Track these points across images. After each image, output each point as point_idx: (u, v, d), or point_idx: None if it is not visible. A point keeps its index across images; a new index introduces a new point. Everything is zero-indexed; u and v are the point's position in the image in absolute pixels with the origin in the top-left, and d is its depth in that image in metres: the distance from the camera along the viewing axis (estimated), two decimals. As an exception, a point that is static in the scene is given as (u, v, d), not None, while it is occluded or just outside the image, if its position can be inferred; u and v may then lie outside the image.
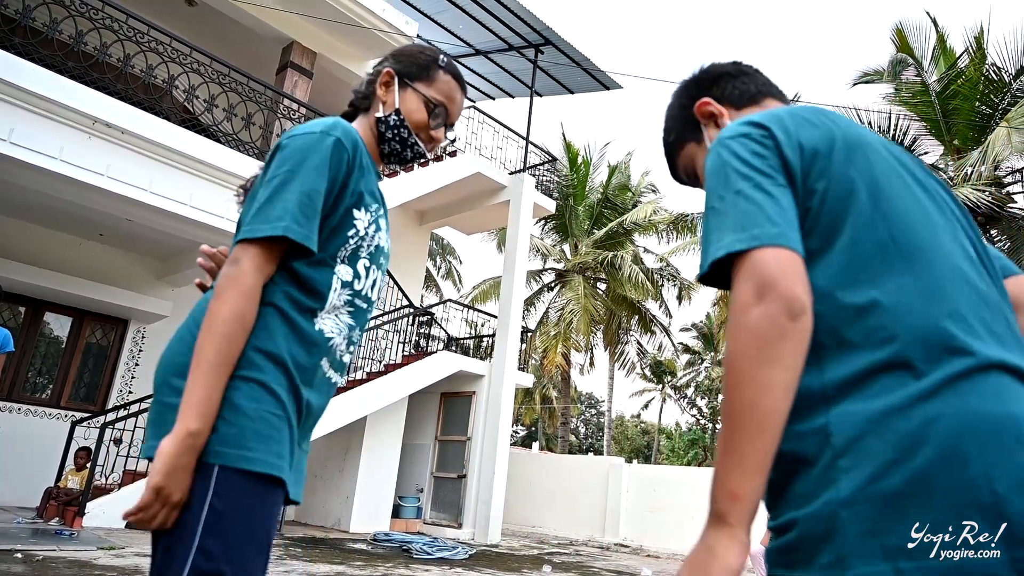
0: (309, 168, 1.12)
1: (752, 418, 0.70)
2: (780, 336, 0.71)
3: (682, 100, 1.14)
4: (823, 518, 0.71)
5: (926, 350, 0.74)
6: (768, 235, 0.75)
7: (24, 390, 8.62)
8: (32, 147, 5.71)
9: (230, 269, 1.07)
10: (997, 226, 12.59)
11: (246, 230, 1.10)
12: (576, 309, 17.09)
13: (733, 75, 1.12)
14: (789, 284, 0.73)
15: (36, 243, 8.33)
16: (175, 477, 0.96)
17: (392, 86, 1.34)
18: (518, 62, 11.75)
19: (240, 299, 1.05)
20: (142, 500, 0.96)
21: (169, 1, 8.64)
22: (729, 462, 0.71)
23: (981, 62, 12.15)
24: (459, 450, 10.56)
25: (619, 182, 19.62)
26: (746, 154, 0.84)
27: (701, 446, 33.67)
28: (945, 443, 0.69)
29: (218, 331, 1.02)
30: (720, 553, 0.71)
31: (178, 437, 0.97)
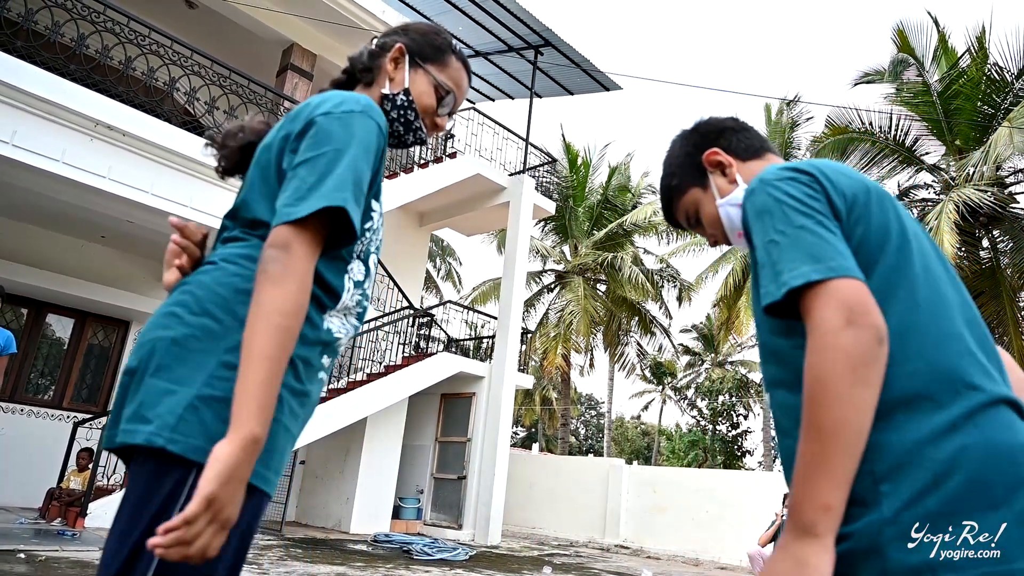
0: (358, 150, 1.03)
1: (845, 435, 0.77)
2: (872, 359, 0.79)
3: (687, 148, 1.24)
4: (869, 535, 0.79)
5: (947, 385, 0.84)
6: (843, 267, 0.84)
7: (26, 391, 8.64)
8: (34, 149, 5.73)
9: (281, 254, 0.94)
10: (999, 226, 12.58)
11: (297, 209, 0.96)
12: (576, 310, 17.10)
13: (736, 129, 1.23)
14: (875, 313, 0.81)
15: (38, 245, 8.35)
16: (231, 488, 0.83)
17: (402, 63, 1.25)
18: (518, 63, 11.77)
19: (300, 290, 0.94)
20: (187, 512, 0.80)
21: (170, 4, 8.67)
22: (820, 476, 0.78)
23: (983, 62, 12.15)
24: (459, 451, 10.57)
25: (619, 183, 19.63)
26: (800, 195, 0.93)
27: (701, 447, 33.65)
28: (973, 470, 0.79)
29: (279, 324, 0.91)
30: (814, 563, 0.76)
31: (241, 443, 0.84)
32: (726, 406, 34.68)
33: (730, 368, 34.10)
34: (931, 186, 14.07)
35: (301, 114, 1.08)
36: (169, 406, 0.91)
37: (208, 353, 0.95)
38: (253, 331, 0.90)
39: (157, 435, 0.89)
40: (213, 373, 0.94)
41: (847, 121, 13.65)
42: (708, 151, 1.21)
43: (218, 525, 0.82)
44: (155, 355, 0.95)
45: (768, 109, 19.53)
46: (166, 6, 8.64)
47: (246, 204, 1.08)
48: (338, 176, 0.99)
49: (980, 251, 12.91)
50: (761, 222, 0.94)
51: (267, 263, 0.94)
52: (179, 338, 0.96)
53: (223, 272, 1.03)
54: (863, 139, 13.61)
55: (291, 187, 1.00)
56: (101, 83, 6.25)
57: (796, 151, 19.21)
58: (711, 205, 1.22)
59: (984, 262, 12.72)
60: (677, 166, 1.26)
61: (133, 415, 0.92)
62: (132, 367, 0.97)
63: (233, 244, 1.07)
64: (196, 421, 0.90)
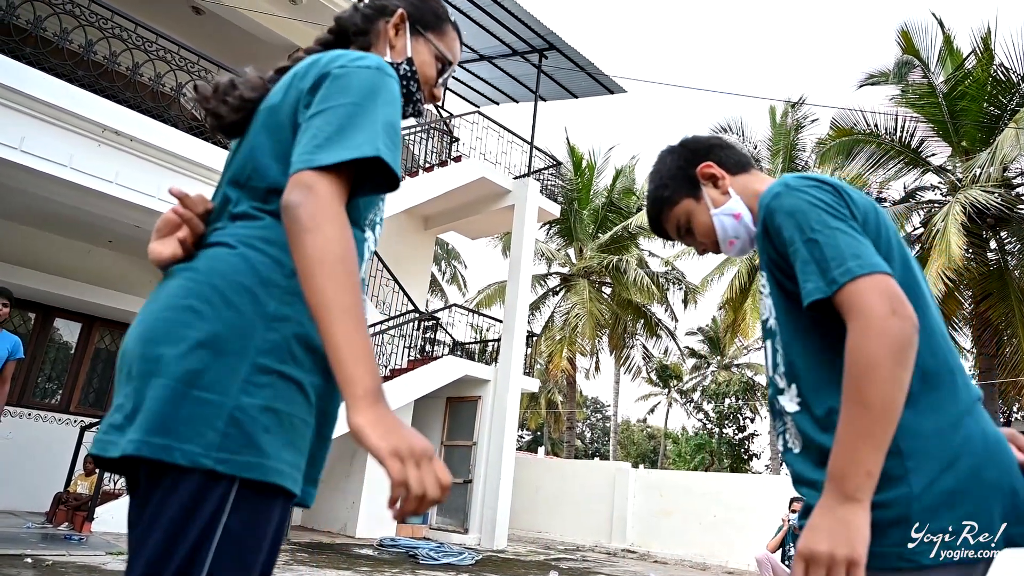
0: (386, 98, 0.96)
1: (890, 411, 0.88)
2: (910, 344, 0.90)
3: (679, 162, 1.32)
4: (897, 506, 0.91)
5: (959, 380, 1.00)
6: (880, 265, 0.94)
7: (34, 396, 8.67)
8: (42, 155, 5.76)
9: (307, 197, 0.85)
10: (1007, 228, 12.53)
11: (316, 157, 0.87)
12: (581, 313, 17.09)
13: (723, 146, 1.33)
14: (910, 305, 0.92)
15: (46, 250, 8.40)
16: (395, 433, 0.79)
17: (403, 30, 1.18)
18: (522, 67, 11.79)
19: (341, 228, 0.85)
20: (393, 475, 0.78)
21: (177, 10, 8.71)
22: (867, 446, 0.88)
23: (988, 63, 12.11)
24: (465, 455, 10.56)
25: (624, 186, 19.63)
26: (831, 201, 1.03)
27: (708, 451, 33.54)
28: (977, 454, 0.95)
29: (335, 269, 0.82)
30: (858, 524, 0.87)
31: (363, 404, 0.79)
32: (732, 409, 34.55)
33: (736, 371, 33.99)
34: (937, 188, 14.03)
35: (311, 71, 1.00)
36: (208, 420, 0.83)
37: (239, 355, 0.86)
38: (314, 288, 0.82)
39: (204, 455, 0.81)
40: (248, 378, 0.86)
41: (852, 123, 13.63)
42: (702, 164, 1.29)
43: (424, 460, 0.80)
44: (178, 358, 0.85)
45: (773, 111, 19.51)
46: (173, 12, 8.69)
47: (257, 170, 0.98)
48: (365, 125, 0.91)
49: (988, 252, 12.85)
50: (795, 220, 1.02)
51: (293, 209, 0.85)
52: (205, 339, 0.86)
53: (242, 258, 0.92)
54: (868, 141, 13.57)
55: (306, 137, 0.91)
56: (109, 89, 6.29)
57: (801, 153, 19.18)
58: (705, 215, 1.29)
59: (992, 263, 12.66)
60: (669, 178, 1.33)
61: (161, 427, 0.82)
62: (147, 368, 0.86)
63: (245, 223, 0.96)
64: (239, 434, 0.83)
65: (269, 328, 0.89)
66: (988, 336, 12.45)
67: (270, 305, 0.90)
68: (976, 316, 12.69)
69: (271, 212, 0.96)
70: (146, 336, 0.89)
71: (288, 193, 0.87)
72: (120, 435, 0.85)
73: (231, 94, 1.07)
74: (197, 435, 0.82)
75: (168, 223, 0.99)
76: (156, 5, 8.39)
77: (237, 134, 1.09)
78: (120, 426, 0.85)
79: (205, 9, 8.66)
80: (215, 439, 0.82)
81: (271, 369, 0.87)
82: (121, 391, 0.89)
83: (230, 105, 1.06)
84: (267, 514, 0.87)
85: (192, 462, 0.81)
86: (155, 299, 0.94)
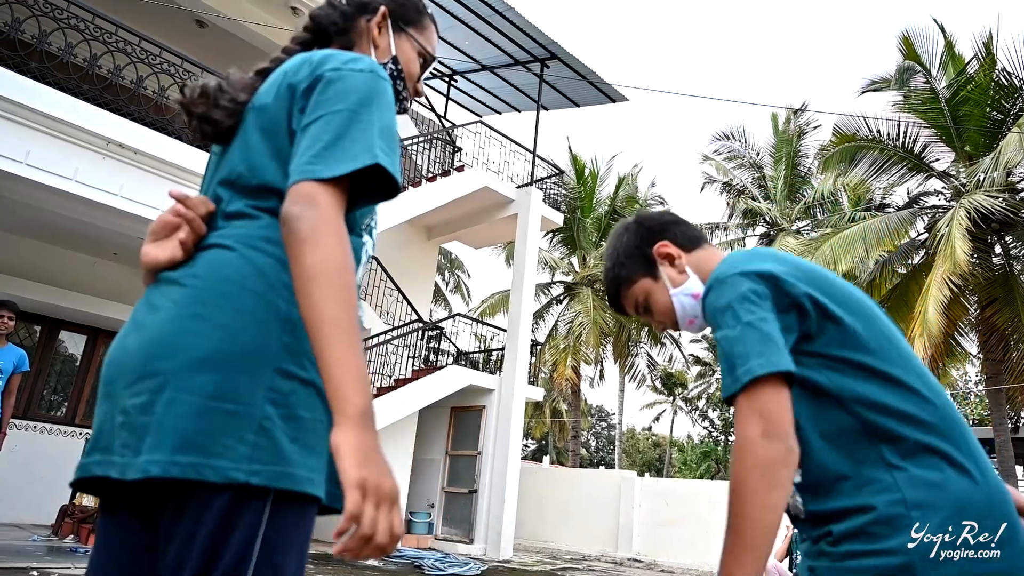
0: (381, 103, 0.94)
1: (755, 530, 0.92)
2: (781, 465, 0.93)
3: (636, 240, 1.34)
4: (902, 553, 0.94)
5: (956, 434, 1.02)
6: (780, 364, 0.96)
7: (40, 408, 8.69)
8: (47, 168, 5.80)
9: (307, 210, 0.83)
10: (1012, 232, 12.49)
11: (316, 168, 0.86)
12: (585, 321, 17.07)
13: (678, 223, 1.36)
14: (788, 425, 0.95)
15: (51, 263, 8.43)
16: (372, 463, 0.77)
17: (386, 28, 1.16)
18: (524, 76, 11.83)
19: (340, 242, 0.83)
20: (348, 508, 0.74)
21: (180, 23, 8.78)
22: (734, 563, 0.93)
23: (991, 67, 12.10)
24: (470, 465, 10.52)
25: (627, 194, 19.65)
26: (752, 294, 1.05)
27: (713, 458, 33.37)
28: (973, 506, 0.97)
29: (340, 284, 0.81)
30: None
31: (353, 423, 0.77)
32: (738, 417, 34.32)
33: (741, 378, 33.80)
34: (941, 193, 14.00)
35: (301, 71, 0.97)
36: (236, 432, 0.80)
37: (259, 363, 0.84)
38: (311, 301, 0.80)
39: (236, 470, 0.78)
40: (271, 386, 0.83)
41: (854, 129, 13.62)
42: (659, 243, 1.31)
43: (385, 502, 0.76)
44: (194, 370, 0.81)
45: (775, 118, 19.54)
46: (177, 25, 8.76)
47: (252, 168, 0.95)
48: (362, 133, 0.89)
49: (993, 257, 12.81)
50: (716, 319, 1.07)
51: (293, 221, 0.83)
52: (221, 348, 0.83)
53: (246, 261, 0.89)
54: (871, 147, 13.56)
55: (303, 146, 0.89)
56: (113, 102, 6.33)
57: (804, 160, 19.19)
58: (663, 295, 1.31)
59: (997, 268, 12.61)
60: (626, 257, 1.34)
61: (187, 444, 0.78)
62: (159, 382, 0.82)
63: (243, 222, 0.93)
64: (269, 445, 0.81)
65: (284, 332, 0.86)
66: (995, 341, 12.39)
67: (282, 308, 0.87)
68: (982, 321, 12.63)
69: (268, 210, 0.93)
70: (154, 348, 0.84)
71: (289, 204, 0.85)
72: (132, 455, 0.80)
73: (222, 98, 1.02)
74: (227, 449, 0.79)
75: (165, 225, 0.95)
76: (160, 19, 8.46)
77: (226, 141, 1.03)
78: (130, 445, 0.80)
79: (208, 22, 8.73)
80: (246, 451, 0.80)
81: (292, 374, 0.85)
82: (119, 406, 0.84)
83: (224, 109, 1.02)
84: (301, 524, 0.85)
85: (225, 478, 0.78)
86: (155, 307, 0.89)
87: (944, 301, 11.29)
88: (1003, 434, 12.10)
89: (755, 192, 19.90)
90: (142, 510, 0.88)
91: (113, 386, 0.87)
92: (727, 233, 20.13)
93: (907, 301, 12.81)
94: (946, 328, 11.96)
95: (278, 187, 0.92)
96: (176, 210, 0.94)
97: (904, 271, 13.85)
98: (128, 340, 0.88)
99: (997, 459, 12.32)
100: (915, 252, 13.90)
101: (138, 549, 0.88)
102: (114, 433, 0.84)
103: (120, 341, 0.90)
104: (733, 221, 20.18)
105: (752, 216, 19.63)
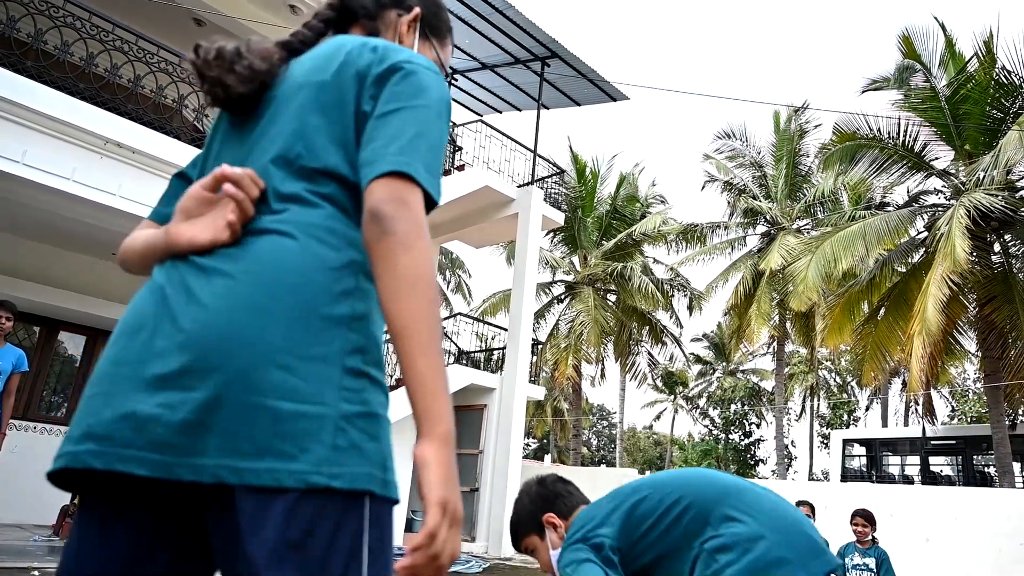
0: (445, 116, 0.93)
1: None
2: None
3: (533, 507, 1.99)
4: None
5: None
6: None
7: (39, 409, 8.68)
8: (45, 168, 5.78)
9: (403, 211, 0.81)
10: (1011, 231, 12.48)
11: (412, 165, 0.84)
12: (586, 321, 17.06)
13: (564, 496, 1.99)
14: None
15: (49, 263, 8.42)
16: (452, 485, 0.77)
17: (415, 29, 1.14)
18: (525, 75, 11.81)
19: (431, 253, 0.82)
20: (429, 525, 0.74)
21: (178, 22, 8.76)
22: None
23: (991, 66, 12.09)
24: (471, 463, 10.52)
25: (627, 193, 19.64)
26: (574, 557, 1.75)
27: (714, 457, 33.38)
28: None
29: (432, 294, 0.80)
30: None
31: (442, 440, 0.76)
32: (738, 415, 34.39)
33: (742, 377, 33.85)
34: (941, 191, 13.99)
35: (365, 54, 0.94)
36: (313, 434, 0.75)
37: (329, 360, 0.79)
38: (402, 307, 0.78)
39: (315, 473, 0.74)
40: (342, 384, 0.79)
41: (855, 128, 13.61)
42: (547, 515, 1.94)
43: (456, 525, 0.76)
44: (261, 367, 0.76)
45: (777, 117, 19.52)
46: (174, 24, 8.74)
47: (311, 150, 0.89)
48: (434, 147, 0.88)
49: (992, 256, 12.80)
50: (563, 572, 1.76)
51: (390, 221, 0.80)
52: (288, 344, 0.77)
53: (309, 252, 0.84)
54: (871, 145, 13.55)
55: (387, 135, 0.86)
56: (110, 101, 6.31)
57: (804, 159, 19.17)
58: (546, 553, 1.93)
59: (996, 267, 12.61)
60: (526, 516, 2.00)
61: (260, 448, 0.74)
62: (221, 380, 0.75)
63: (301, 208, 0.87)
64: (348, 446, 0.77)
65: (351, 328, 0.82)
66: (993, 339, 12.39)
67: (346, 304, 0.83)
68: (981, 319, 12.62)
69: (326, 197, 0.88)
70: (210, 342, 0.77)
71: (381, 202, 0.81)
72: (184, 455, 0.74)
73: (238, 63, 0.96)
74: (304, 452, 0.74)
75: (201, 201, 0.88)
76: (157, 17, 8.44)
77: (239, 110, 0.98)
78: (175, 443, 0.74)
79: (206, 20, 8.71)
80: (324, 454, 0.75)
81: (361, 371, 0.81)
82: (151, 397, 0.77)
83: (239, 75, 0.95)
84: (383, 525, 0.81)
85: (306, 483, 0.74)
86: (194, 295, 0.81)
87: (943, 299, 11.28)
88: (1001, 431, 12.10)
89: (756, 191, 19.88)
90: (150, 504, 0.83)
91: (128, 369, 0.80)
92: (728, 232, 20.12)
93: (907, 299, 12.80)
94: (945, 326, 11.96)
95: (340, 173, 0.89)
96: (229, 191, 0.86)
97: (904, 269, 13.84)
98: (168, 330, 0.80)
99: (995, 456, 12.32)
100: (915, 250, 13.89)
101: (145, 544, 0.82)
102: (141, 425, 0.76)
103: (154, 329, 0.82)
104: (734, 220, 20.17)
105: (753, 215, 19.62)
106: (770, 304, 18.22)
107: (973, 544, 8.34)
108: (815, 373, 28.68)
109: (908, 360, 11.99)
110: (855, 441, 19.56)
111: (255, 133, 0.94)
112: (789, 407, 29.94)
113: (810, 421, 30.73)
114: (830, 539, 6.29)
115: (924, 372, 11.63)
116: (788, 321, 20.09)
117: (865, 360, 13.83)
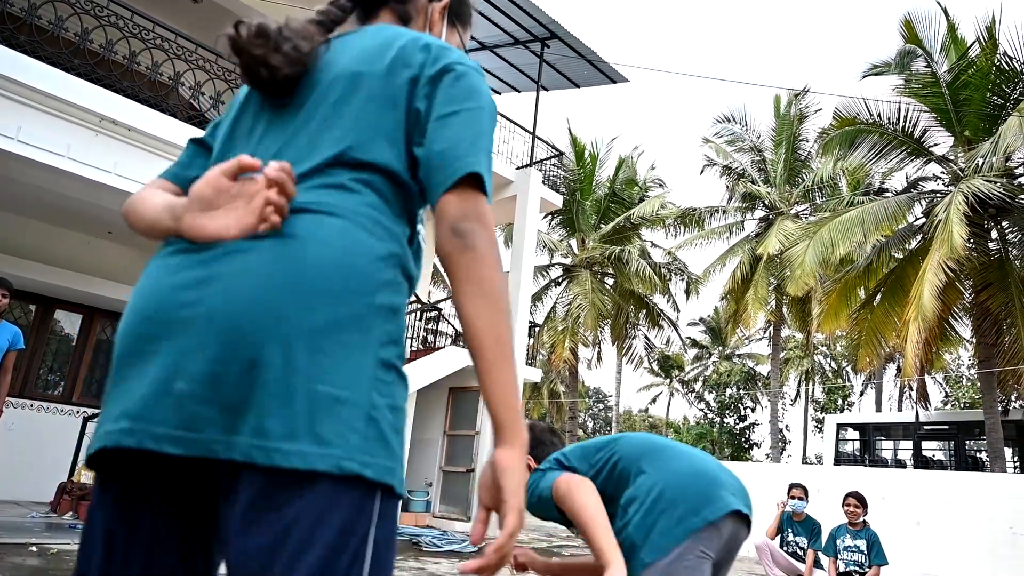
0: (495, 118, 0.96)
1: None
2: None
3: None
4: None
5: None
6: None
7: (36, 387, 8.69)
8: (39, 145, 5.73)
9: (481, 228, 0.85)
10: (1008, 218, 12.49)
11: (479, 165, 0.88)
12: (583, 304, 17.08)
13: (547, 444, 2.14)
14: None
15: (45, 241, 8.39)
16: (524, 493, 0.82)
17: (444, 15, 1.15)
18: (524, 56, 11.72)
19: (502, 264, 0.86)
20: (511, 527, 0.79)
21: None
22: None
23: (992, 52, 12.03)
24: (468, 444, 10.58)
25: (626, 176, 19.57)
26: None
27: (709, 440, 33.61)
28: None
29: (508, 308, 0.83)
30: None
31: (521, 450, 0.81)
32: (733, 399, 34.57)
33: (737, 361, 34.01)
34: (940, 178, 13.97)
35: (416, 52, 0.93)
36: (347, 421, 0.74)
37: (364, 349, 0.78)
38: (484, 322, 0.80)
39: (349, 459, 0.73)
40: (375, 375, 0.78)
41: (855, 113, 13.56)
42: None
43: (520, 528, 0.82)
44: (299, 349, 0.74)
45: (777, 101, 19.44)
46: (171, 1, 8.64)
47: (362, 144, 0.87)
48: (488, 147, 0.92)
49: (989, 242, 12.82)
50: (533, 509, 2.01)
51: (471, 237, 0.83)
52: (328, 329, 0.76)
53: (352, 237, 0.81)
54: (871, 131, 13.51)
55: (450, 137, 0.88)
56: (106, 78, 6.25)
57: (804, 143, 19.12)
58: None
59: (993, 253, 12.63)
60: None
61: (294, 431, 0.72)
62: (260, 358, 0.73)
63: (343, 194, 0.85)
64: (377, 436, 0.76)
65: (387, 319, 0.81)
66: (988, 325, 12.44)
67: (387, 294, 0.82)
68: (976, 305, 12.67)
69: (369, 185, 0.86)
70: (249, 321, 0.74)
71: (461, 219, 0.84)
72: (224, 433, 0.73)
73: (284, 43, 0.92)
74: (338, 436, 0.73)
75: (221, 190, 0.83)
76: (154, -6, 8.34)
77: (279, 92, 0.93)
78: (216, 421, 0.73)
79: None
80: (357, 442, 0.74)
81: (392, 364, 0.81)
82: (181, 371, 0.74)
83: (286, 56, 0.91)
84: (390, 519, 0.80)
85: (339, 468, 0.72)
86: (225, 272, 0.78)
87: (940, 285, 11.32)
88: (993, 416, 12.20)
89: (755, 175, 19.83)
90: (168, 484, 0.82)
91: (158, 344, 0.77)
92: (726, 216, 20.11)
93: (903, 285, 12.83)
94: (941, 312, 12.01)
95: (389, 168, 0.88)
96: (271, 176, 0.80)
97: (901, 255, 13.87)
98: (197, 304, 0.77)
99: (987, 441, 12.42)
100: (912, 237, 13.90)
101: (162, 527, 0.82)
102: (179, 403, 0.74)
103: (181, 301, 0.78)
104: (732, 204, 20.15)
105: (751, 199, 19.59)
106: (767, 289, 18.26)
107: (963, 528, 8.44)
108: (810, 358, 28.82)
109: (903, 346, 12.06)
110: (849, 425, 19.71)
111: (298, 119, 0.91)
112: (784, 391, 30.11)
113: (805, 405, 30.94)
114: (822, 521, 6.39)
115: (919, 358, 11.70)
116: (785, 306, 20.14)
117: (860, 345, 13.89)
